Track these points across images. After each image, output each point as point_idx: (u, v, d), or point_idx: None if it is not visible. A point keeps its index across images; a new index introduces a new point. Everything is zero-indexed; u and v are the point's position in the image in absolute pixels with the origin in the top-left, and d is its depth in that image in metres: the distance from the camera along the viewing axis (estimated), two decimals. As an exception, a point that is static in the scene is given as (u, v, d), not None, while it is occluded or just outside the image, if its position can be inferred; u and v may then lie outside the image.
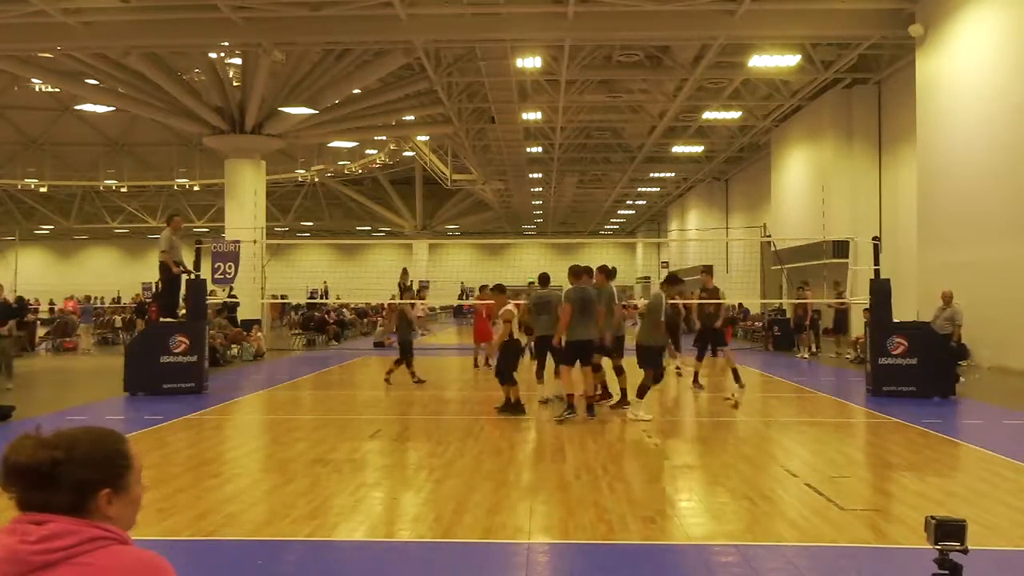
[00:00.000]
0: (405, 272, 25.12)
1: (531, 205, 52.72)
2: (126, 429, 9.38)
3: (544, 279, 11.86)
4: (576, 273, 10.77)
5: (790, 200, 29.22)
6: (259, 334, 21.48)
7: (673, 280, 11.52)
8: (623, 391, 11.11)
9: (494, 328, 14.67)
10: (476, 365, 17.42)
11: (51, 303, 39.14)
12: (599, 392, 11.32)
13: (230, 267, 18.37)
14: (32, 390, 14.52)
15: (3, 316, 14.41)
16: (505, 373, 10.75)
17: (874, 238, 14.53)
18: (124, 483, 1.66)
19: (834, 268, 21.69)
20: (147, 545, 1.64)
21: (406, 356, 14.26)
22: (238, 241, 19.25)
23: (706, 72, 23.15)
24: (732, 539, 5.34)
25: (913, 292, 18.44)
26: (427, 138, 37.21)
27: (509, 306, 11.40)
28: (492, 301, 19.60)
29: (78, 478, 1.59)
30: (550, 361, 11.37)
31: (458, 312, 42.97)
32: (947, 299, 14.67)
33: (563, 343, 10.41)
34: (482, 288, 22.53)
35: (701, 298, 15.08)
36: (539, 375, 11.74)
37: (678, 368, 15.89)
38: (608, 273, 11.29)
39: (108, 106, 32.16)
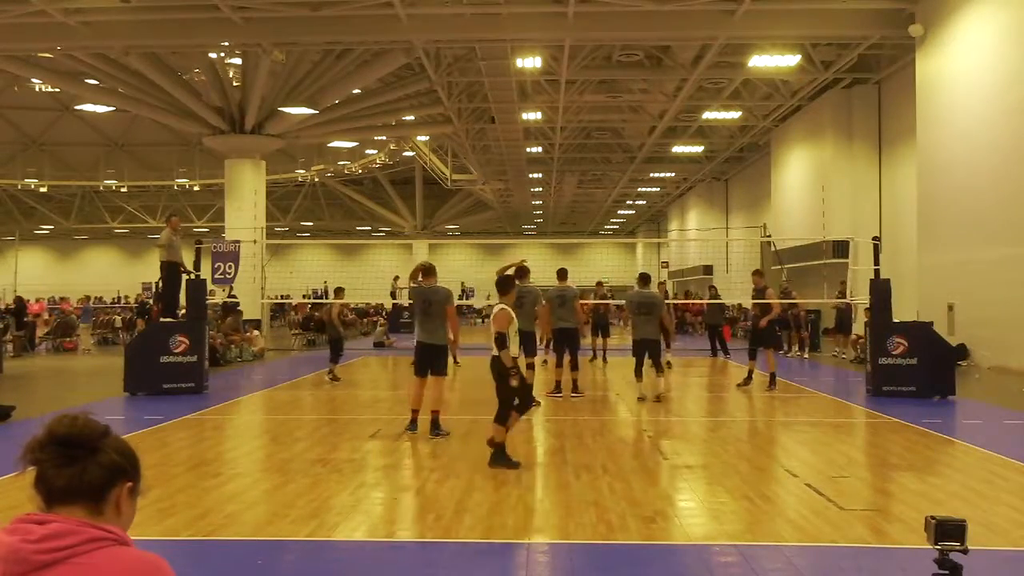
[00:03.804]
0: (397, 279, 25.67)
1: (531, 205, 52.64)
2: (126, 429, 9.38)
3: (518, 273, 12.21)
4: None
5: (790, 200, 29.21)
6: (262, 334, 21.48)
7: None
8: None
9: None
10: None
11: (51, 302, 39.16)
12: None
13: (230, 267, 18.35)
14: (32, 390, 14.53)
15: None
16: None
17: (874, 238, 14.52)
18: (139, 480, 1.70)
19: (834, 268, 21.69)
20: (147, 545, 1.65)
21: (337, 354, 14.80)
22: (238, 241, 19.24)
23: (706, 72, 23.13)
24: (732, 539, 5.34)
25: (913, 292, 18.43)
26: (427, 138, 37.18)
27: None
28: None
29: (113, 460, 1.63)
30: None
31: (457, 311, 42.89)
32: None
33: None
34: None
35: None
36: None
37: (668, 362, 17.09)
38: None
39: (108, 106, 32.15)
